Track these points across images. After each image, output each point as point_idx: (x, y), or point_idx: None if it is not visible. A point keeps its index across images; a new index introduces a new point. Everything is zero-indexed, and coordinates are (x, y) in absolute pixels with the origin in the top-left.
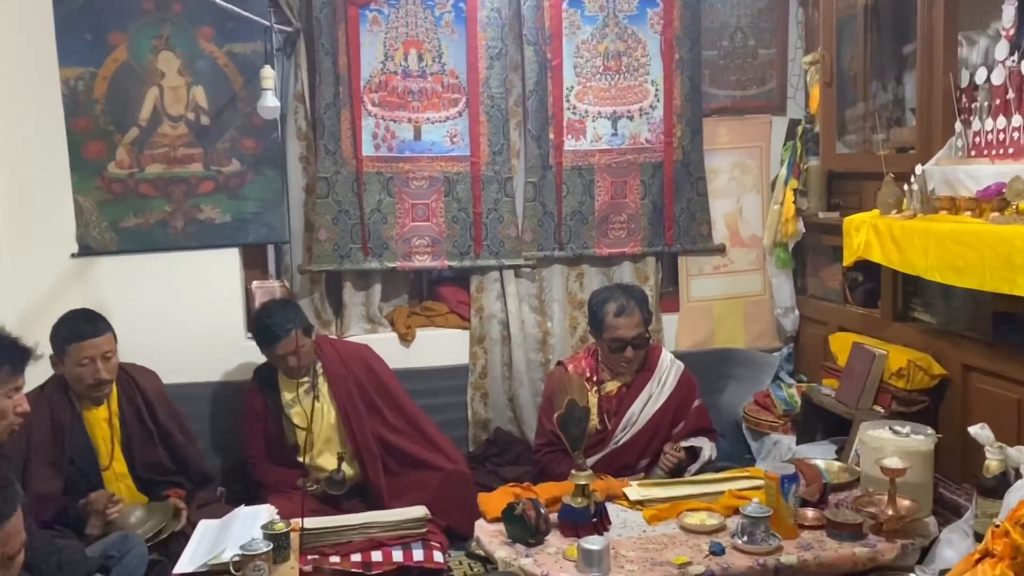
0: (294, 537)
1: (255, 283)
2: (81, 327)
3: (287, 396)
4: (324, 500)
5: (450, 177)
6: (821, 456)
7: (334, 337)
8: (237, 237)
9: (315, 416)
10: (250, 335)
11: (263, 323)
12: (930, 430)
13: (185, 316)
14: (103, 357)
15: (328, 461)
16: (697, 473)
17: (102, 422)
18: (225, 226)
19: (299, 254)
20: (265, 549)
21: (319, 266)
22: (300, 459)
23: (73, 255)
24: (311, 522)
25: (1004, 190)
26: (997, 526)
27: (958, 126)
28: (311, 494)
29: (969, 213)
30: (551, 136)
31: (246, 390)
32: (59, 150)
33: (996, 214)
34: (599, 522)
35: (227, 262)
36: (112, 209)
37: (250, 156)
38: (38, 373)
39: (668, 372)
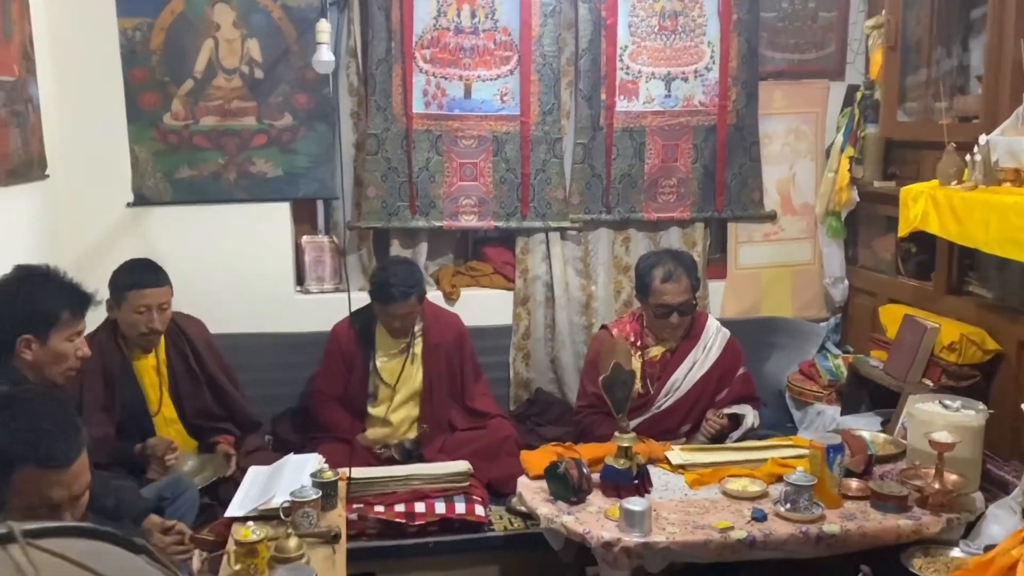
0: (341, 486)
1: (304, 238)
2: (143, 276)
3: (381, 349)
4: (374, 452)
5: (499, 137)
6: (866, 428)
7: (438, 304)
8: (288, 191)
9: (403, 377)
10: (300, 288)
11: (385, 281)
12: (981, 405)
13: (236, 268)
14: (159, 307)
15: (398, 418)
16: (739, 440)
17: (150, 369)
18: (277, 180)
19: (348, 210)
20: (314, 496)
21: (367, 223)
22: (369, 410)
23: (128, 204)
24: (358, 472)
25: None
26: None
27: None
28: (377, 456)
29: None
30: (603, 97)
31: (338, 330)
32: (116, 100)
33: None
34: (641, 484)
35: (278, 216)
36: (167, 160)
37: (302, 111)
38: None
39: (714, 339)
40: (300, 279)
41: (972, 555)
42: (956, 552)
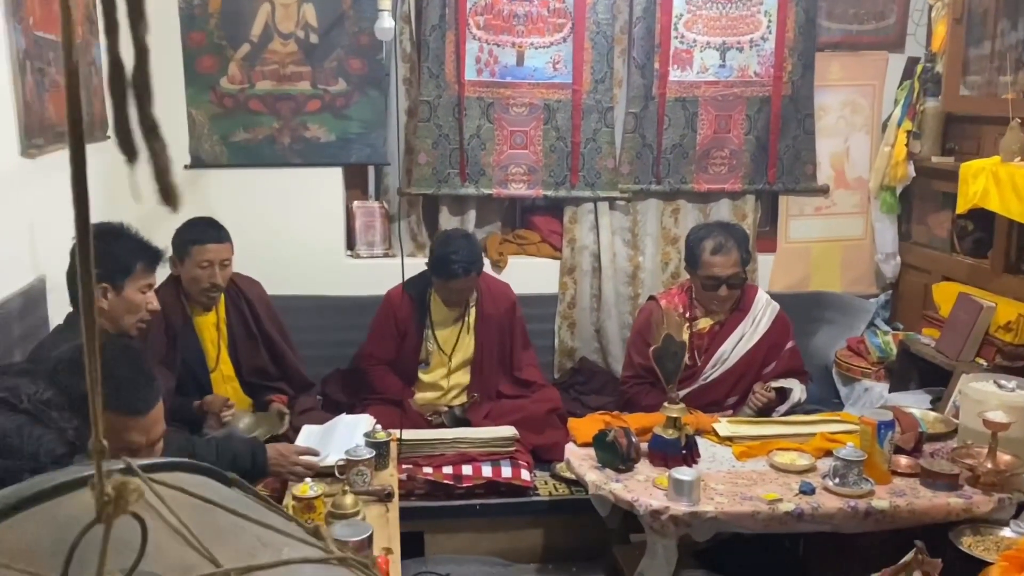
0: (393, 447)
1: (356, 203)
2: (207, 232)
3: (436, 317)
4: (426, 422)
5: (550, 105)
6: (915, 405)
7: (490, 274)
8: (341, 156)
9: (458, 345)
10: (350, 252)
11: (447, 256)
12: None
13: (289, 231)
14: (221, 264)
15: (448, 384)
16: (786, 414)
17: (211, 326)
18: (330, 145)
19: (399, 176)
20: (368, 455)
21: (418, 189)
22: (422, 376)
23: (186, 166)
24: (408, 434)
25: None
26: None
27: None
28: (428, 421)
29: None
30: (656, 66)
31: (392, 296)
32: (175, 63)
33: None
34: (689, 454)
35: (331, 181)
36: (223, 123)
37: (356, 76)
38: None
39: (763, 312)
40: (351, 243)
41: (1023, 535)
42: (1006, 532)
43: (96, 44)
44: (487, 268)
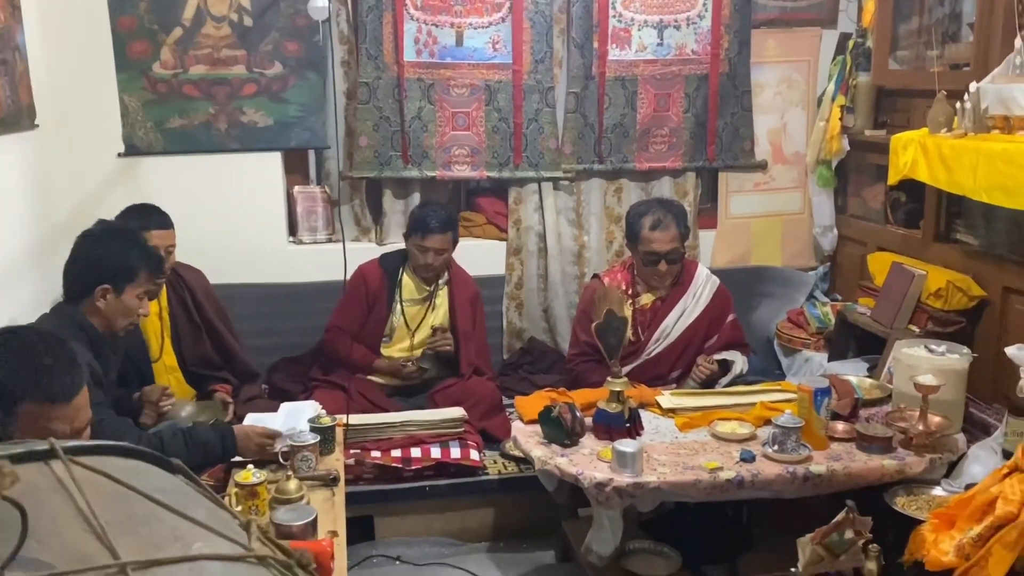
0: (339, 432)
1: (296, 188)
2: (151, 218)
3: (406, 294)
4: (370, 398)
5: (491, 85)
6: (853, 373)
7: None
8: (280, 141)
9: (423, 324)
10: (293, 238)
11: (424, 215)
12: (965, 349)
13: (228, 219)
14: (166, 251)
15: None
16: (728, 386)
17: (153, 316)
18: (268, 129)
19: (340, 160)
20: (313, 441)
21: (359, 173)
22: (383, 350)
23: (119, 155)
24: (355, 419)
25: None
26: None
27: (1018, 42)
28: (401, 368)
29: (1023, 133)
30: (595, 45)
31: (365, 270)
32: (104, 49)
33: None
34: (632, 427)
35: (270, 166)
36: (157, 110)
37: (292, 59)
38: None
39: (703, 287)
40: (293, 230)
41: (953, 493)
42: (938, 491)
43: (19, 30)
44: None
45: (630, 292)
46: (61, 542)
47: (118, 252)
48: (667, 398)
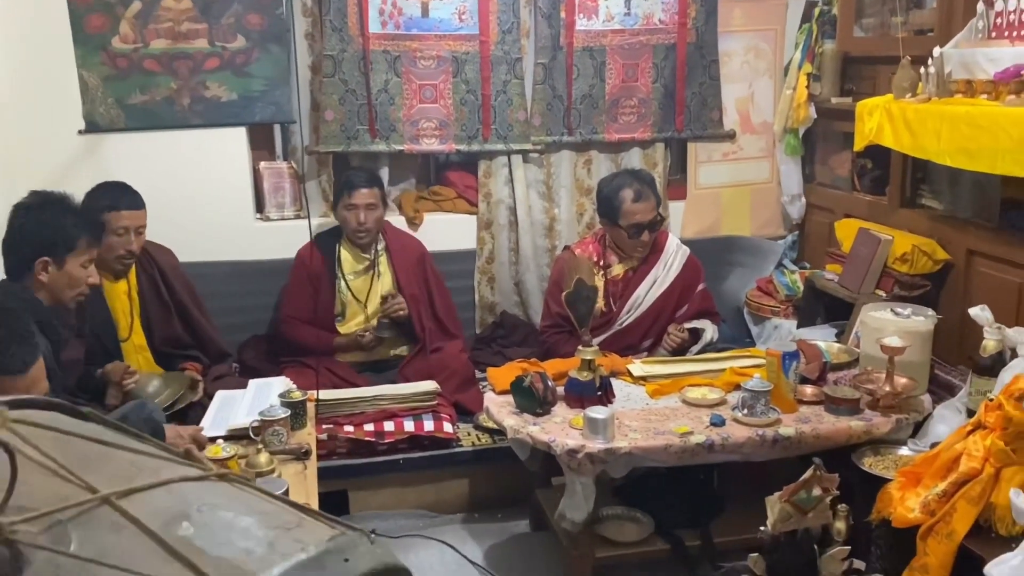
0: (310, 407)
1: (263, 164)
2: (121, 198)
3: (347, 268)
4: (340, 375)
5: (458, 57)
6: (821, 339)
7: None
8: (244, 116)
9: (371, 293)
10: (260, 215)
11: (348, 175)
12: (930, 312)
13: (194, 196)
14: (137, 230)
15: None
16: (699, 354)
17: (122, 295)
18: (232, 104)
19: (306, 135)
20: (283, 415)
21: (326, 147)
22: (340, 329)
23: (80, 132)
24: (326, 394)
25: (1023, 72)
26: (991, 400)
27: (980, 7)
28: (361, 339)
29: (986, 96)
30: (562, 15)
31: (302, 253)
32: (61, 23)
33: (1013, 97)
34: (604, 395)
35: (234, 142)
36: (118, 85)
37: (256, 32)
38: None
39: (674, 256)
40: (260, 206)
41: (919, 453)
42: (904, 450)
43: None
44: (403, 225)
45: (601, 263)
46: (34, 490)
47: (52, 222)
48: (638, 366)
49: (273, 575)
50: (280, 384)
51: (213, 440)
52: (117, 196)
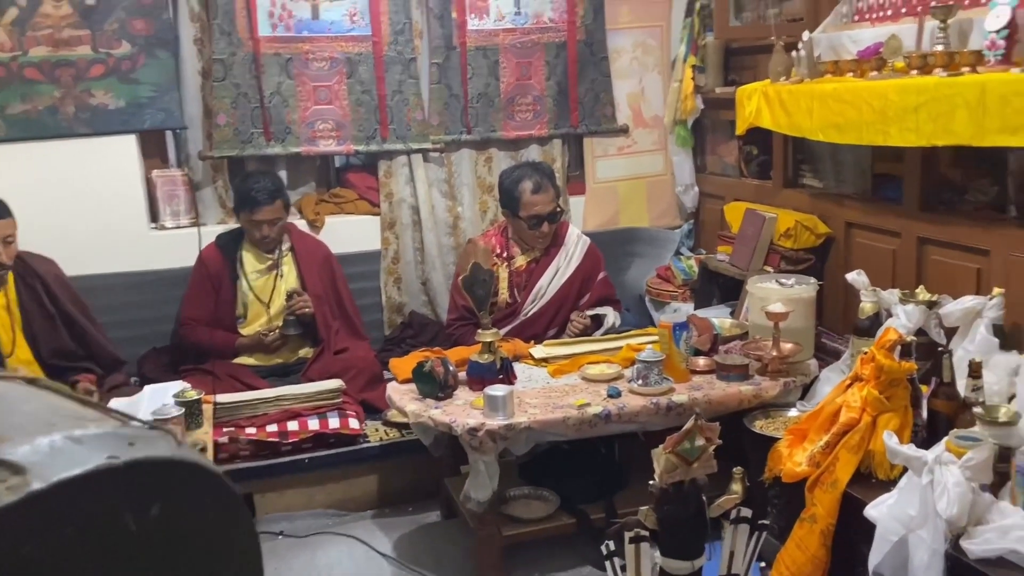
0: (207, 407)
1: (155, 172)
2: None
3: (249, 268)
4: (243, 380)
5: (351, 58)
6: (716, 317)
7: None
8: (133, 123)
9: (274, 294)
10: (155, 224)
11: (248, 188)
12: (812, 280)
13: (84, 206)
14: (4, 241)
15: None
16: None
17: (0, 309)
18: (119, 112)
19: (199, 141)
20: (177, 413)
21: (220, 152)
22: (241, 331)
23: None
24: (224, 397)
25: (882, 50)
26: (866, 353)
27: None
28: (264, 338)
29: (851, 74)
30: (454, 15)
31: (203, 254)
32: None
33: (875, 73)
34: (505, 377)
35: (124, 150)
36: None
37: (141, 38)
38: None
39: (575, 247)
40: (155, 215)
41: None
42: (793, 412)
43: None
44: (305, 229)
45: (505, 255)
46: None
47: None
48: (539, 348)
49: (34, 444)
50: (175, 388)
51: None
52: None
